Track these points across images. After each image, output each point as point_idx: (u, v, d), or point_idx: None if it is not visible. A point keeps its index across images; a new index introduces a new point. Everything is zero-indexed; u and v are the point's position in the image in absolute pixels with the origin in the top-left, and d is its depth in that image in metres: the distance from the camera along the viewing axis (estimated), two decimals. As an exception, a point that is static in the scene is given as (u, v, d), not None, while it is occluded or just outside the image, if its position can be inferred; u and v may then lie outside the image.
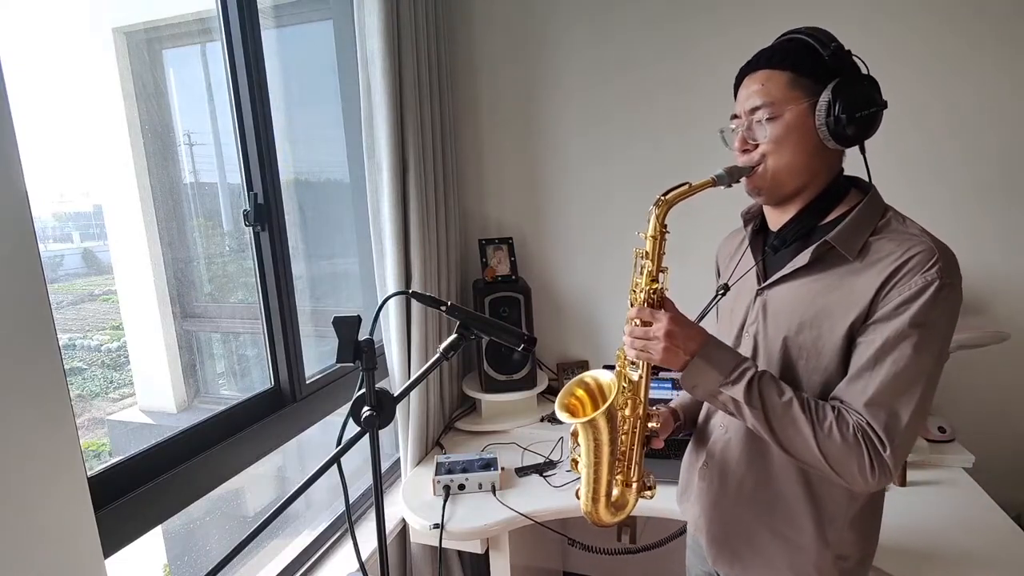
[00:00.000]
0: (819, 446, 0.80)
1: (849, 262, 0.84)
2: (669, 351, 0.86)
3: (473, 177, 2.14)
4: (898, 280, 0.79)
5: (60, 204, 1.49)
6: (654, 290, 0.91)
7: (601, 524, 1.01)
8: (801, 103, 0.85)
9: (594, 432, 0.93)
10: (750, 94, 0.88)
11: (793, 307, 0.90)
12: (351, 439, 0.80)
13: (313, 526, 1.62)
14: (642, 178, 1.95)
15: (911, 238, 0.82)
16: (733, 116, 0.93)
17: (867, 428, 0.79)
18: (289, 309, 1.45)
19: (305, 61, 1.88)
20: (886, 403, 0.79)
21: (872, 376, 0.80)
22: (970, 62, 1.62)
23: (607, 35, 1.90)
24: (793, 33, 0.88)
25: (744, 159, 0.90)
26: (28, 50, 1.24)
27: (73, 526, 0.80)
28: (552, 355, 2.18)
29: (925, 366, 0.79)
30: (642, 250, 0.93)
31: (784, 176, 0.88)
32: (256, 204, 1.38)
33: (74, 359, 1.48)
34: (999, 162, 1.65)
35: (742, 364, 0.86)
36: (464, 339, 0.92)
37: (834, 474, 0.81)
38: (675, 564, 2.16)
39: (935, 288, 0.77)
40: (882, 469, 0.79)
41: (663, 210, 0.90)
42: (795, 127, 0.85)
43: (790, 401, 0.83)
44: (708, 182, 0.88)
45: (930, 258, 0.78)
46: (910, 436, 0.80)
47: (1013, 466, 1.74)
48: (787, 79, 0.85)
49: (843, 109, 0.81)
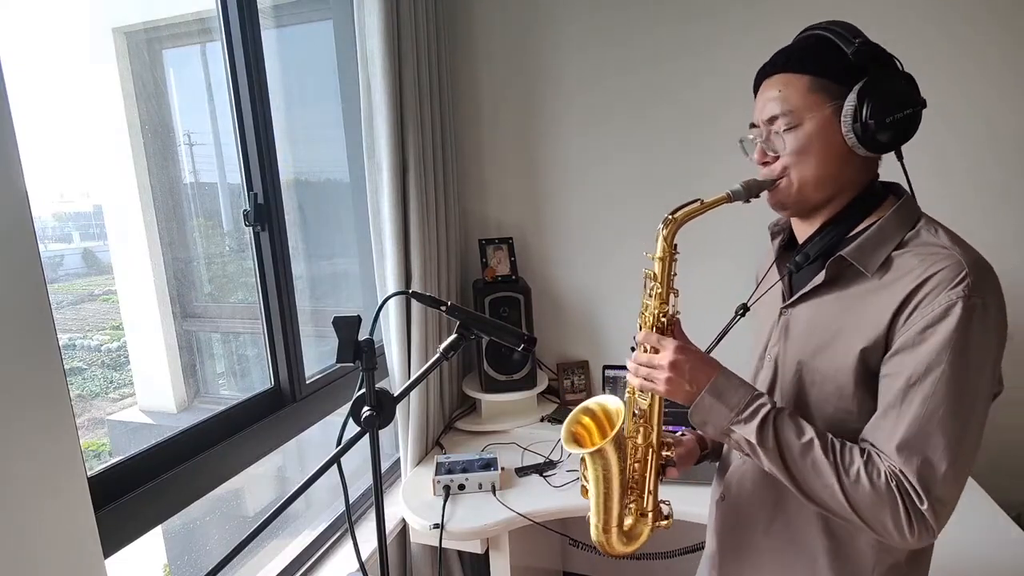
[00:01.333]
0: (845, 495, 0.70)
1: (868, 279, 0.76)
2: (673, 383, 0.79)
3: (473, 177, 2.14)
4: (920, 301, 0.70)
5: (60, 204, 1.49)
6: (663, 313, 0.85)
7: (614, 554, 0.94)
8: (824, 108, 0.76)
9: (602, 462, 0.87)
10: (767, 101, 0.80)
11: (812, 329, 0.82)
12: (351, 439, 0.80)
13: (313, 526, 1.62)
14: (643, 178, 1.95)
15: (938, 252, 0.71)
16: (752, 125, 0.84)
17: (900, 476, 0.69)
18: (289, 309, 1.45)
19: (305, 61, 1.88)
20: (918, 447, 0.69)
21: (900, 415, 0.70)
22: (971, 62, 1.62)
23: (608, 35, 1.90)
24: (812, 29, 0.80)
25: (764, 172, 0.83)
26: (28, 50, 1.24)
27: (73, 526, 0.80)
28: (552, 355, 2.18)
29: (963, 400, 0.68)
30: (651, 271, 0.86)
31: (810, 189, 0.80)
32: (256, 204, 1.38)
33: (74, 359, 1.48)
34: (1000, 162, 1.65)
35: (756, 400, 0.77)
36: (464, 339, 0.91)
37: (866, 527, 0.71)
38: (675, 564, 2.16)
39: (962, 308, 0.67)
40: (921, 524, 0.68)
41: (672, 230, 0.83)
42: (818, 136, 0.77)
43: (810, 442, 0.73)
44: (723, 198, 0.80)
45: (956, 273, 0.68)
46: (952, 486, 0.69)
47: (1013, 466, 1.74)
48: (807, 83, 0.77)
49: (872, 113, 0.72)
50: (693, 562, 1.80)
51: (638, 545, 0.93)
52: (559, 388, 2.11)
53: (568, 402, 2.07)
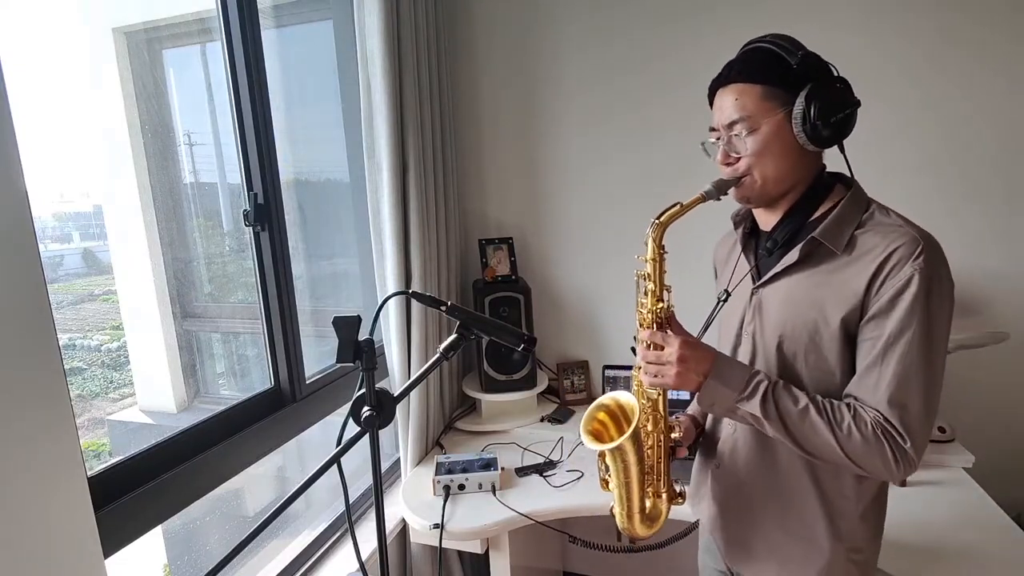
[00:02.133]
0: (842, 447, 0.82)
1: (837, 256, 0.87)
2: (682, 375, 0.87)
3: (473, 177, 2.14)
4: (888, 273, 0.81)
5: (60, 204, 1.49)
6: (660, 310, 0.93)
7: (638, 538, 1.03)
8: (777, 113, 0.86)
9: (622, 455, 0.94)
10: (726, 108, 0.90)
11: (787, 304, 0.92)
12: (351, 439, 0.80)
13: (313, 526, 1.62)
14: (643, 178, 1.95)
15: (895, 229, 0.84)
16: (711, 128, 0.95)
17: (885, 424, 0.81)
18: (289, 309, 1.45)
19: (305, 61, 1.88)
20: (898, 397, 0.81)
21: (882, 372, 0.82)
22: (966, 62, 1.62)
23: (608, 35, 1.90)
24: (758, 42, 0.90)
25: (728, 171, 0.92)
26: (28, 50, 1.24)
27: (73, 526, 0.80)
28: (552, 355, 2.18)
29: (930, 355, 0.81)
30: (643, 272, 0.94)
31: (771, 184, 0.91)
32: (256, 204, 1.38)
33: (74, 359, 1.48)
34: (997, 162, 1.66)
35: (754, 378, 0.87)
36: (464, 339, 0.91)
37: (861, 471, 0.84)
38: (676, 564, 2.16)
39: (922, 277, 0.79)
40: (906, 460, 0.81)
41: (658, 232, 0.92)
42: (774, 137, 0.87)
43: (806, 408, 0.84)
44: (698, 199, 0.90)
45: (915, 248, 0.80)
46: (927, 424, 0.82)
47: (1013, 466, 1.74)
48: (759, 92, 0.87)
49: (818, 115, 0.83)
50: (680, 550, 1.79)
51: (659, 525, 1.02)
52: (559, 388, 2.11)
53: (568, 402, 2.07)
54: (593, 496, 1.52)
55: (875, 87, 1.65)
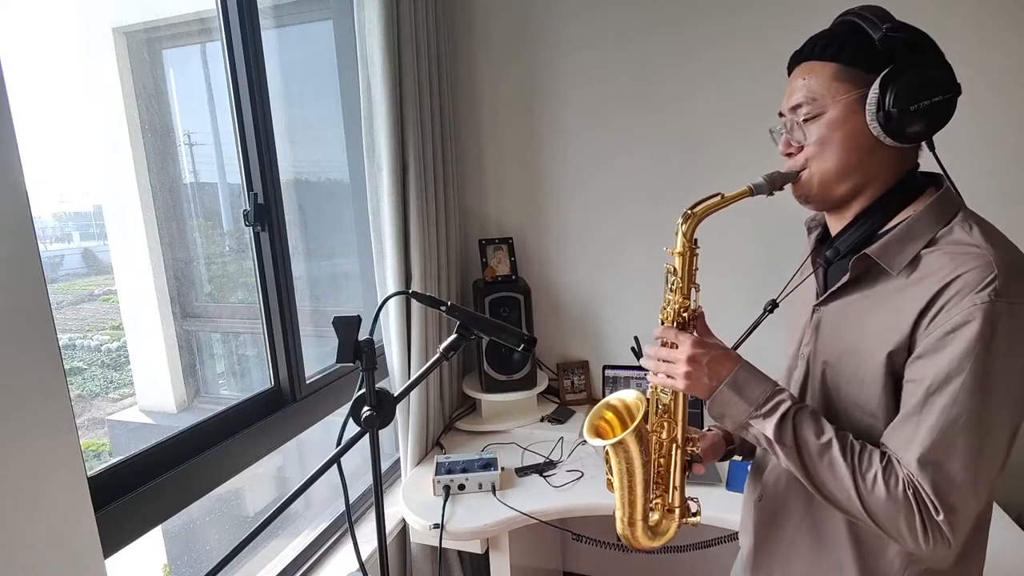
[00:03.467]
0: (860, 499, 0.69)
1: (894, 278, 0.73)
2: (691, 376, 0.78)
3: (473, 177, 2.14)
4: (945, 304, 0.67)
5: (60, 204, 1.49)
6: (684, 308, 0.85)
7: (640, 548, 0.95)
8: (849, 97, 0.73)
9: (624, 454, 0.88)
10: (793, 90, 0.79)
11: (839, 329, 0.80)
12: (351, 439, 0.80)
13: (313, 526, 1.62)
14: (643, 178, 1.94)
15: (970, 251, 0.68)
16: (780, 113, 0.82)
17: (917, 486, 0.67)
18: (289, 309, 1.45)
19: (305, 61, 1.88)
20: (935, 458, 0.67)
21: (920, 424, 0.68)
22: (973, 63, 1.62)
23: (609, 35, 1.90)
24: (846, 14, 0.77)
25: (789, 163, 0.81)
26: (28, 50, 1.24)
27: (73, 526, 0.80)
28: (552, 355, 2.18)
29: (986, 411, 0.66)
30: (671, 266, 0.86)
31: (833, 181, 0.77)
32: (256, 204, 1.38)
33: (74, 359, 1.48)
34: (999, 163, 1.65)
35: (777, 396, 0.75)
36: (464, 339, 0.91)
37: (883, 532, 0.71)
38: (677, 564, 2.16)
39: (986, 313, 0.64)
40: (936, 535, 0.66)
41: (691, 225, 0.82)
42: (840, 125, 0.74)
43: (829, 443, 0.71)
44: (745, 192, 0.79)
45: (984, 276, 0.65)
46: (969, 497, 0.67)
47: (1013, 467, 1.73)
48: (832, 70, 0.74)
49: (895, 101, 0.69)
50: (693, 558, 1.80)
51: (665, 540, 0.94)
52: (559, 388, 2.10)
53: (568, 402, 2.07)
54: (593, 496, 1.52)
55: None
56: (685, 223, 0.82)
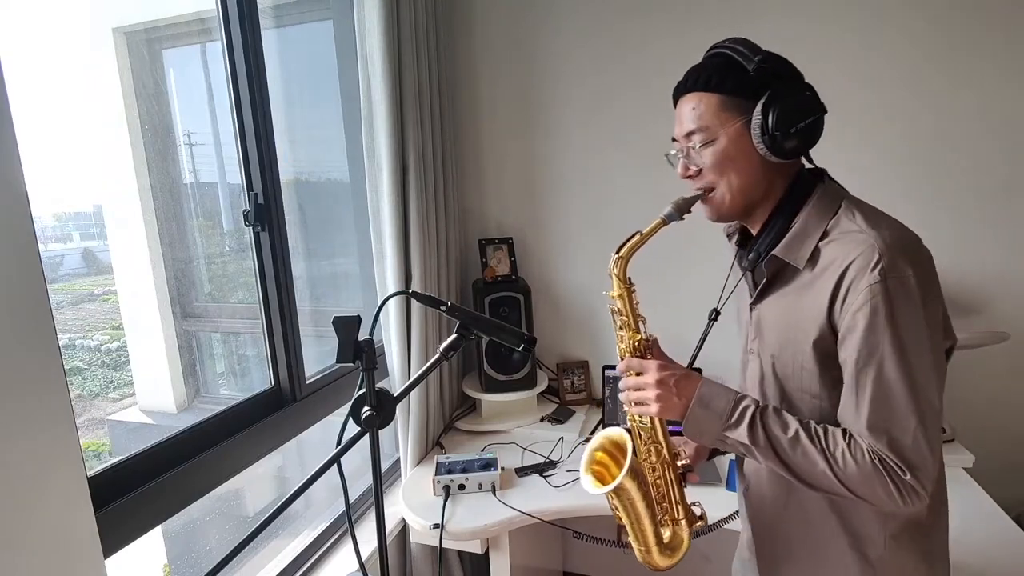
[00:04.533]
0: (838, 478, 0.76)
1: (802, 272, 0.82)
2: (663, 399, 0.84)
3: (473, 177, 2.14)
4: (846, 292, 0.75)
5: (60, 204, 1.49)
6: (638, 341, 0.91)
7: (661, 569, 0.98)
8: (735, 124, 0.81)
9: (625, 493, 0.91)
10: (684, 118, 0.86)
11: (775, 323, 0.87)
12: (351, 439, 0.80)
13: (313, 526, 1.62)
14: (643, 177, 1.95)
15: (855, 236, 0.77)
16: (673, 139, 0.90)
17: (879, 453, 0.74)
18: (289, 309, 1.45)
19: (305, 61, 1.88)
20: (882, 425, 0.74)
21: (860, 400, 0.76)
22: (968, 63, 1.62)
23: (608, 35, 1.90)
24: (718, 47, 0.85)
25: (693, 185, 0.89)
26: (28, 50, 1.24)
27: (73, 526, 0.80)
28: (552, 355, 2.18)
29: (911, 373, 0.73)
30: (615, 307, 0.93)
31: (737, 198, 0.86)
32: (256, 204, 1.38)
33: (74, 359, 1.48)
34: (999, 163, 1.65)
35: (740, 403, 0.81)
36: (464, 339, 0.91)
37: (868, 503, 0.77)
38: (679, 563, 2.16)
39: (882, 289, 0.72)
40: (909, 492, 0.74)
41: (622, 267, 0.90)
42: (733, 149, 0.82)
43: (797, 434, 0.78)
44: (659, 223, 0.88)
45: (871, 259, 0.73)
46: (925, 451, 0.74)
47: (1013, 466, 1.74)
48: (717, 101, 0.82)
49: (777, 125, 0.78)
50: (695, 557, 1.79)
51: (683, 552, 0.97)
52: (559, 388, 2.11)
53: (568, 402, 2.07)
54: (593, 496, 1.52)
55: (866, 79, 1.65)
56: (616, 266, 0.90)
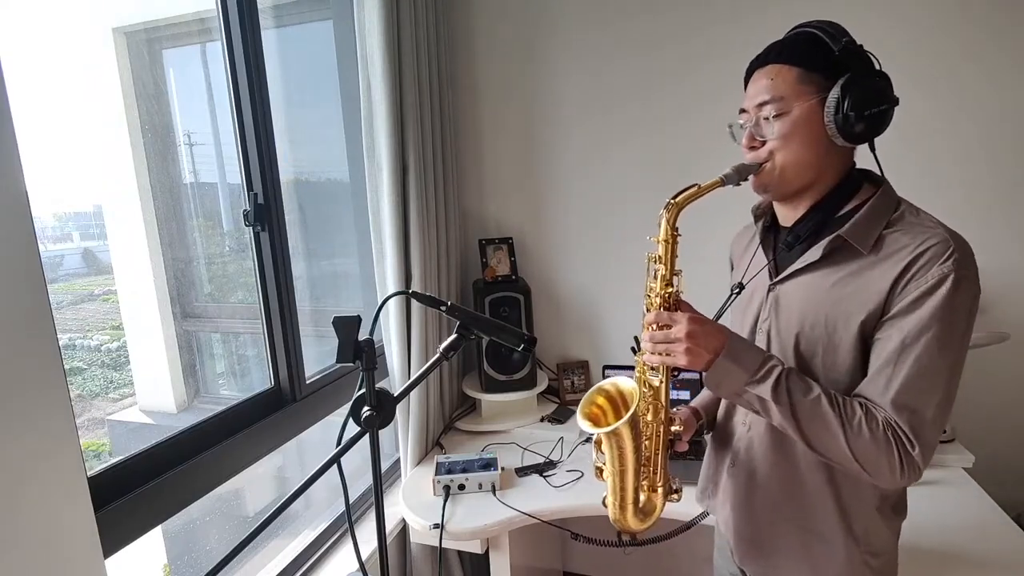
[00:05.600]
0: (848, 444, 0.79)
1: (863, 256, 0.84)
2: (692, 352, 0.85)
3: (473, 177, 2.14)
4: (914, 273, 0.78)
5: (60, 204, 1.49)
6: (669, 294, 0.91)
7: (630, 531, 1.00)
8: (811, 99, 0.83)
9: (618, 441, 0.92)
10: (759, 89, 0.87)
11: (806, 302, 0.89)
12: (351, 439, 0.80)
13: (313, 526, 1.62)
14: (643, 177, 1.95)
15: (926, 230, 0.81)
16: (741, 111, 0.91)
17: (895, 426, 0.79)
18: (289, 309, 1.45)
19: (305, 61, 1.88)
20: (911, 401, 0.78)
21: (895, 373, 0.79)
22: (985, 58, 1.62)
23: (608, 34, 1.90)
24: (804, 26, 0.86)
25: (751, 156, 0.89)
26: (28, 50, 1.24)
27: (73, 526, 0.80)
28: (552, 355, 2.18)
29: (947, 360, 0.78)
30: (654, 254, 0.92)
31: (791, 173, 0.87)
32: (256, 204, 1.38)
33: (74, 359, 1.48)
34: (998, 164, 1.65)
35: (769, 361, 0.84)
36: (464, 339, 0.91)
37: (864, 472, 0.81)
38: (677, 564, 2.16)
39: (952, 280, 0.76)
40: (911, 467, 0.79)
41: (673, 213, 0.89)
42: (803, 123, 0.84)
43: (818, 398, 0.81)
44: (717, 182, 0.88)
45: (946, 250, 0.77)
46: (936, 432, 0.80)
47: (1013, 466, 1.74)
48: (796, 74, 0.84)
49: (852, 106, 0.80)
50: (682, 549, 1.79)
51: (653, 519, 1.00)
52: (559, 388, 2.10)
53: (568, 402, 2.07)
54: (593, 496, 1.51)
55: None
56: (668, 212, 0.90)
